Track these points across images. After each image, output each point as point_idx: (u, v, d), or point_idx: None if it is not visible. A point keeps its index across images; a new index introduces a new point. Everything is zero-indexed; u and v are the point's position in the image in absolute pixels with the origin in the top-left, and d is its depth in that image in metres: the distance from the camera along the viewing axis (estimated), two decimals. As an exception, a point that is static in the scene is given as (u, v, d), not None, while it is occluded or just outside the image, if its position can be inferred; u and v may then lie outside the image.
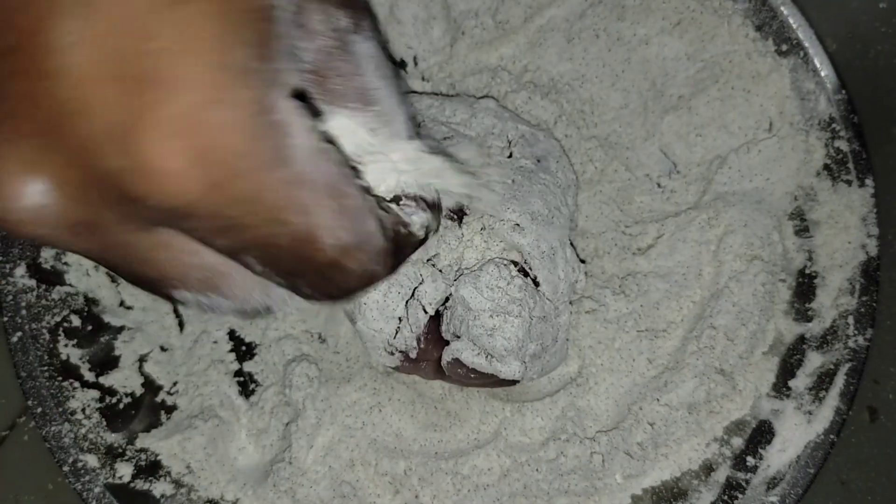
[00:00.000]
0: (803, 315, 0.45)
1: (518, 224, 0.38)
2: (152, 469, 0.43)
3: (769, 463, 0.43)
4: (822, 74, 0.46)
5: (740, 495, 0.43)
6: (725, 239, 0.45)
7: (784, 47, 0.46)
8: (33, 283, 0.43)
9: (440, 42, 0.48)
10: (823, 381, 0.43)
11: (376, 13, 0.46)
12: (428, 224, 0.29)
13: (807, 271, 0.45)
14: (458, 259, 0.38)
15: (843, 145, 0.45)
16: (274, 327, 0.45)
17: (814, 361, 0.44)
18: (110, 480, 0.42)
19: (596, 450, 0.43)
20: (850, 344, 0.43)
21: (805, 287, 0.45)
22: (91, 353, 0.44)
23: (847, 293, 0.44)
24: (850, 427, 0.44)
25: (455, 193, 0.33)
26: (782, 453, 0.43)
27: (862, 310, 0.44)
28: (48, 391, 0.42)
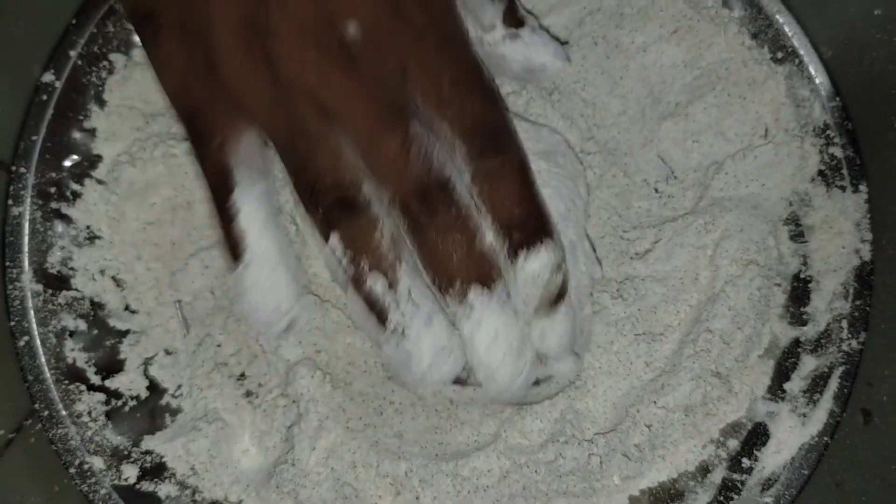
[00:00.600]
0: (798, 319, 0.45)
1: None
2: (157, 471, 0.44)
3: (764, 464, 0.43)
4: (817, 82, 0.46)
5: (735, 496, 0.43)
6: (722, 244, 0.45)
7: (779, 55, 0.47)
8: (40, 288, 0.44)
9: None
10: (818, 384, 0.44)
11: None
12: None
13: (801, 276, 0.46)
14: None
15: (838, 151, 0.46)
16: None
17: (808, 365, 0.44)
18: (116, 482, 0.43)
19: (594, 451, 0.44)
20: (844, 347, 0.44)
21: (800, 291, 0.46)
22: (97, 357, 0.45)
23: (841, 297, 0.45)
24: (845, 429, 0.45)
25: None
26: (777, 455, 0.43)
27: (856, 314, 0.44)
28: (55, 394, 0.43)
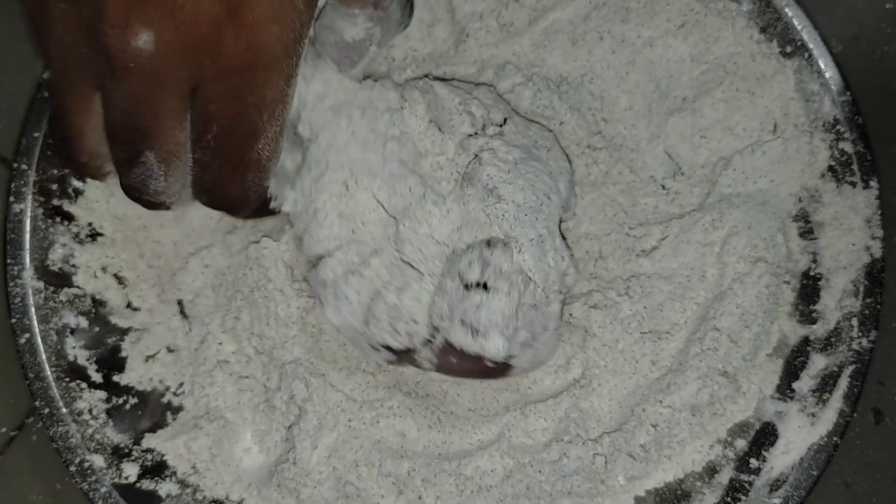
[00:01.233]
0: (807, 317, 0.45)
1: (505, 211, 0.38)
2: (158, 469, 0.44)
3: (772, 465, 0.43)
4: (827, 76, 0.46)
5: (743, 497, 0.43)
6: (729, 241, 0.45)
7: (788, 49, 0.46)
8: (41, 286, 0.44)
9: (444, 45, 0.48)
10: (827, 384, 0.43)
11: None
12: None
13: (811, 273, 0.45)
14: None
15: (848, 147, 0.45)
16: (275, 330, 0.45)
17: (817, 363, 0.44)
18: (116, 480, 0.43)
19: (598, 451, 0.43)
20: (854, 346, 0.43)
21: (809, 289, 0.45)
22: (98, 355, 0.45)
23: (851, 295, 0.44)
24: (855, 429, 0.44)
25: None
26: (785, 455, 0.43)
27: (866, 312, 0.43)
28: (55, 392, 0.43)
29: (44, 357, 0.43)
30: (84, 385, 0.44)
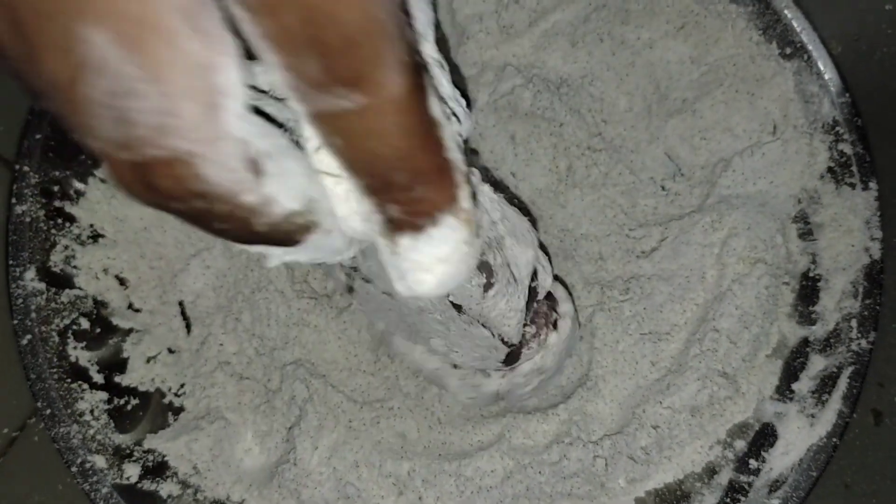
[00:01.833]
0: (807, 318, 0.45)
1: None
2: (159, 470, 0.44)
3: (772, 466, 0.43)
4: (826, 77, 0.46)
5: (743, 498, 0.43)
6: (729, 242, 0.45)
7: (788, 50, 0.46)
8: (43, 287, 0.44)
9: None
10: (826, 385, 0.43)
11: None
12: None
13: (810, 274, 0.45)
14: None
15: (847, 148, 0.45)
16: (276, 331, 0.45)
17: (817, 364, 0.44)
18: (118, 481, 0.43)
19: (599, 453, 0.43)
20: (853, 347, 0.43)
21: (808, 290, 0.45)
22: (99, 356, 0.45)
23: (850, 296, 0.44)
24: (855, 430, 0.44)
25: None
26: (785, 456, 0.43)
27: (865, 313, 0.43)
28: (57, 393, 0.43)
29: (45, 358, 0.43)
30: (85, 386, 0.44)
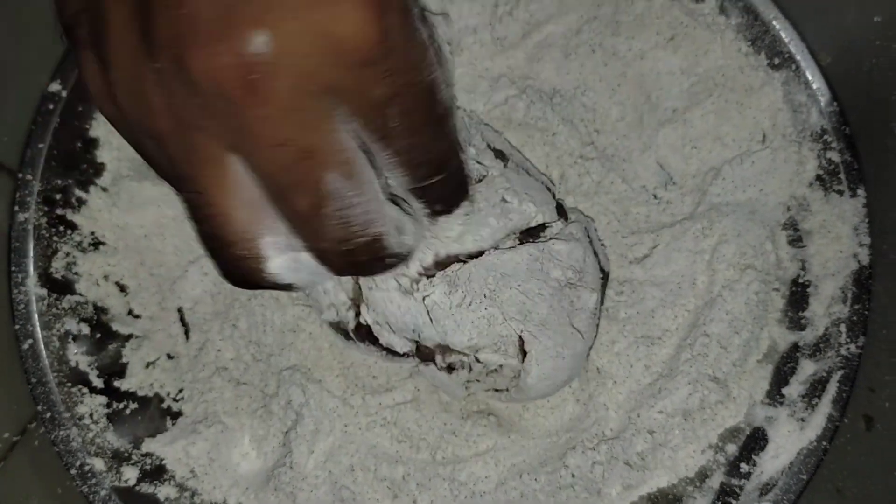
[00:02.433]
0: (796, 323, 0.45)
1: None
2: (157, 473, 0.44)
3: (762, 469, 0.43)
4: (814, 87, 0.46)
5: (734, 501, 0.43)
6: (719, 248, 0.45)
7: (776, 61, 0.47)
8: (44, 293, 0.45)
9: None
10: (816, 389, 0.44)
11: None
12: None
13: (800, 280, 0.46)
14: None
15: (835, 156, 0.46)
16: (272, 337, 0.46)
17: (807, 369, 0.44)
18: (116, 484, 0.43)
19: (597, 460, 0.43)
20: (843, 352, 0.44)
21: (798, 296, 0.46)
22: (99, 361, 0.46)
23: (839, 302, 0.44)
24: (846, 435, 0.44)
25: None
26: (775, 460, 0.43)
27: (854, 318, 0.44)
28: (57, 397, 0.44)
29: (46, 363, 0.44)
30: (85, 390, 0.44)
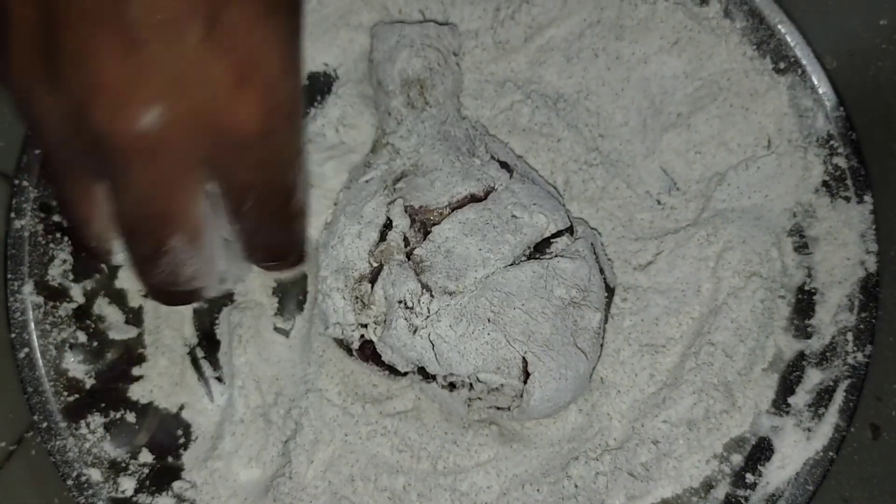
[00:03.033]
0: (803, 332, 0.45)
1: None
2: (155, 483, 0.44)
3: (768, 480, 0.43)
4: (820, 91, 0.46)
5: (739, 512, 0.43)
6: (724, 255, 0.45)
7: (782, 65, 0.46)
8: (41, 300, 0.44)
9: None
10: (823, 398, 0.43)
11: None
12: None
13: (806, 288, 0.45)
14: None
15: (842, 162, 0.45)
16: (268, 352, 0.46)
17: (813, 378, 0.44)
18: (113, 494, 0.43)
19: (600, 470, 0.43)
20: (850, 360, 0.43)
21: (804, 303, 0.45)
22: (96, 369, 0.45)
23: (846, 310, 0.44)
24: (853, 444, 0.44)
25: None
26: (781, 470, 0.43)
27: (861, 326, 0.43)
28: (53, 406, 0.43)
29: (42, 372, 0.43)
30: (82, 399, 0.44)
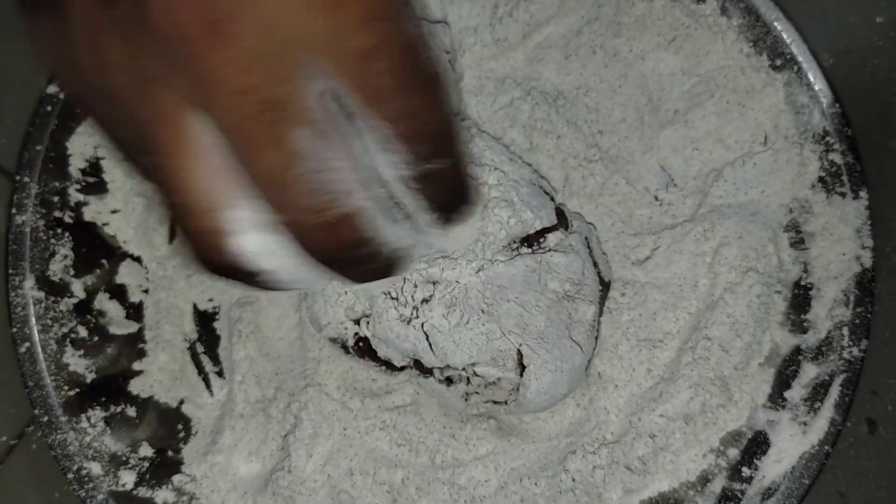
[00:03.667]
0: (799, 326, 0.45)
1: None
2: (155, 477, 0.44)
3: (764, 474, 0.43)
4: (816, 88, 0.46)
5: (735, 506, 0.43)
6: (721, 251, 0.45)
7: (778, 62, 0.47)
8: (42, 295, 0.44)
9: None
10: (818, 392, 0.43)
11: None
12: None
13: (802, 283, 0.45)
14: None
15: (838, 158, 0.45)
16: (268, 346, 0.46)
17: (809, 372, 0.44)
18: (114, 488, 0.43)
19: (598, 464, 0.43)
20: (845, 355, 0.43)
21: (800, 298, 0.45)
22: (97, 364, 0.45)
23: (842, 304, 0.44)
24: (849, 439, 0.44)
25: None
26: (777, 464, 0.43)
27: (856, 321, 0.44)
28: (54, 400, 0.43)
29: (43, 366, 0.44)
30: (83, 394, 0.44)
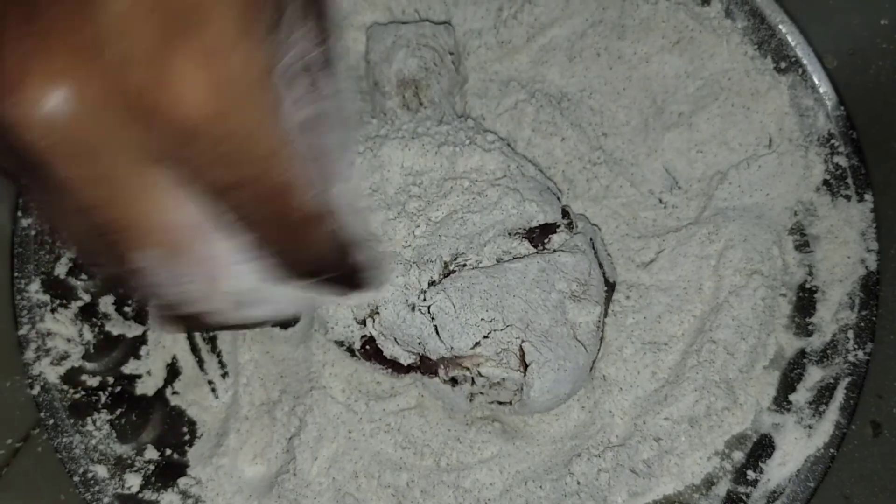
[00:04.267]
0: (804, 329, 0.45)
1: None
2: (160, 480, 0.44)
3: (769, 477, 0.43)
4: (821, 91, 0.46)
5: (741, 509, 0.43)
6: (725, 254, 0.45)
7: (783, 65, 0.47)
8: (47, 298, 0.44)
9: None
10: (824, 396, 0.43)
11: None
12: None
13: (807, 286, 0.45)
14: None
15: (843, 161, 0.45)
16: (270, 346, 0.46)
17: (814, 376, 0.44)
18: (119, 491, 0.43)
19: (602, 467, 0.43)
20: (850, 358, 0.43)
21: (805, 301, 0.45)
22: (103, 367, 0.45)
23: (847, 307, 0.44)
24: (854, 442, 0.44)
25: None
26: (782, 467, 0.43)
27: (862, 324, 0.44)
28: (60, 403, 0.43)
29: (49, 369, 0.44)
30: (88, 397, 0.44)
